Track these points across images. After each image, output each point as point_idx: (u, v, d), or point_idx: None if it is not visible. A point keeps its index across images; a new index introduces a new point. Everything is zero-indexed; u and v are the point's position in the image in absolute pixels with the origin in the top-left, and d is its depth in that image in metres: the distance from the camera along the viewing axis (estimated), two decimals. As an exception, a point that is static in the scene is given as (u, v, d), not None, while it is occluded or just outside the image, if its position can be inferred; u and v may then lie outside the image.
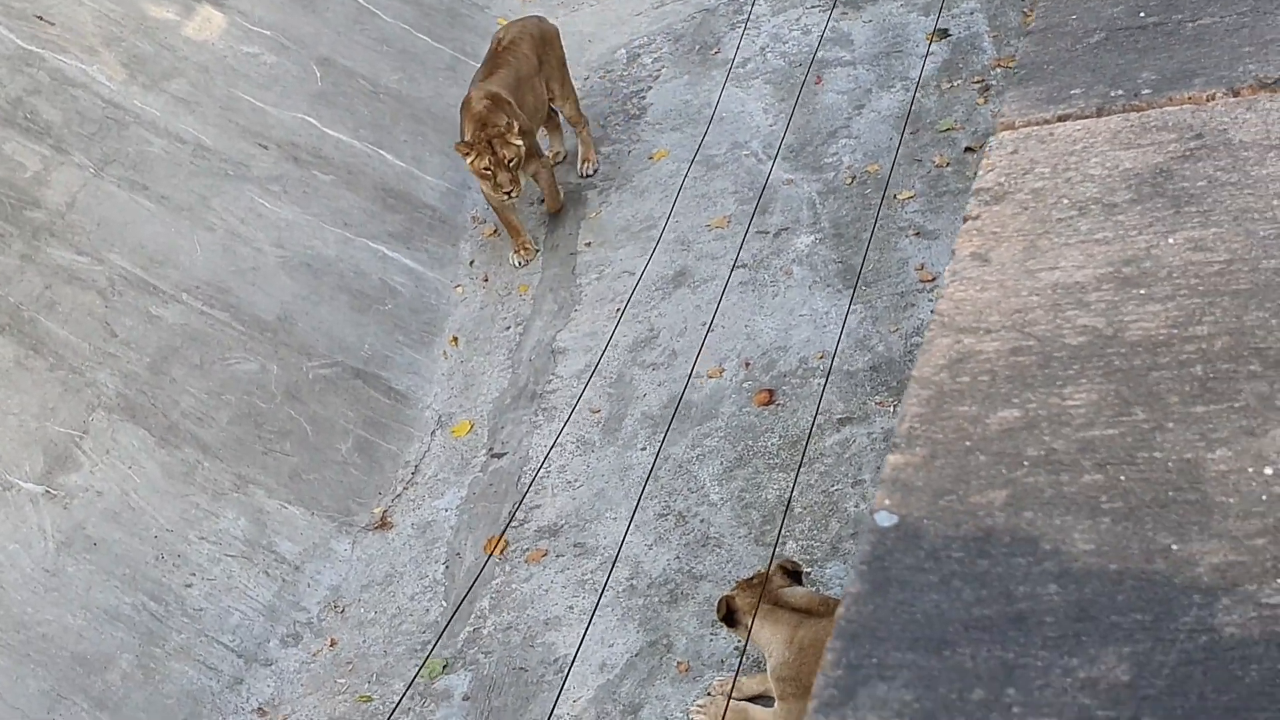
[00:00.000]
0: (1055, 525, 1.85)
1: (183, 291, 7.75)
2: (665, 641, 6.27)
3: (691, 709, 5.89)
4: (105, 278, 7.58)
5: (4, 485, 6.65)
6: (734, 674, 5.99)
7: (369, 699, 6.39)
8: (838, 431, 6.99)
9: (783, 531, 6.44)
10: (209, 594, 6.71)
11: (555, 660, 6.30)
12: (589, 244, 8.88)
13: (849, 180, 8.56)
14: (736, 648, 6.07)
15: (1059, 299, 2.21)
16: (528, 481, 7.25)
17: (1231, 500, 1.81)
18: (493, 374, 8.12)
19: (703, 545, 6.63)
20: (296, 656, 6.66)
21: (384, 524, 7.25)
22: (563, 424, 7.33)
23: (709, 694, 5.92)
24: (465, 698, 6.29)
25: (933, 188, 8.28)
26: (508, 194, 8.15)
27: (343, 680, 6.51)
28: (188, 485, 7.03)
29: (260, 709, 6.44)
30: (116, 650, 6.37)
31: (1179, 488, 1.84)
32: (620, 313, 7.15)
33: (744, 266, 8.22)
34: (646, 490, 6.91)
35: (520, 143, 8.04)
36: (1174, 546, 1.76)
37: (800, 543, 6.49)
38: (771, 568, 5.80)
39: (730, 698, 5.84)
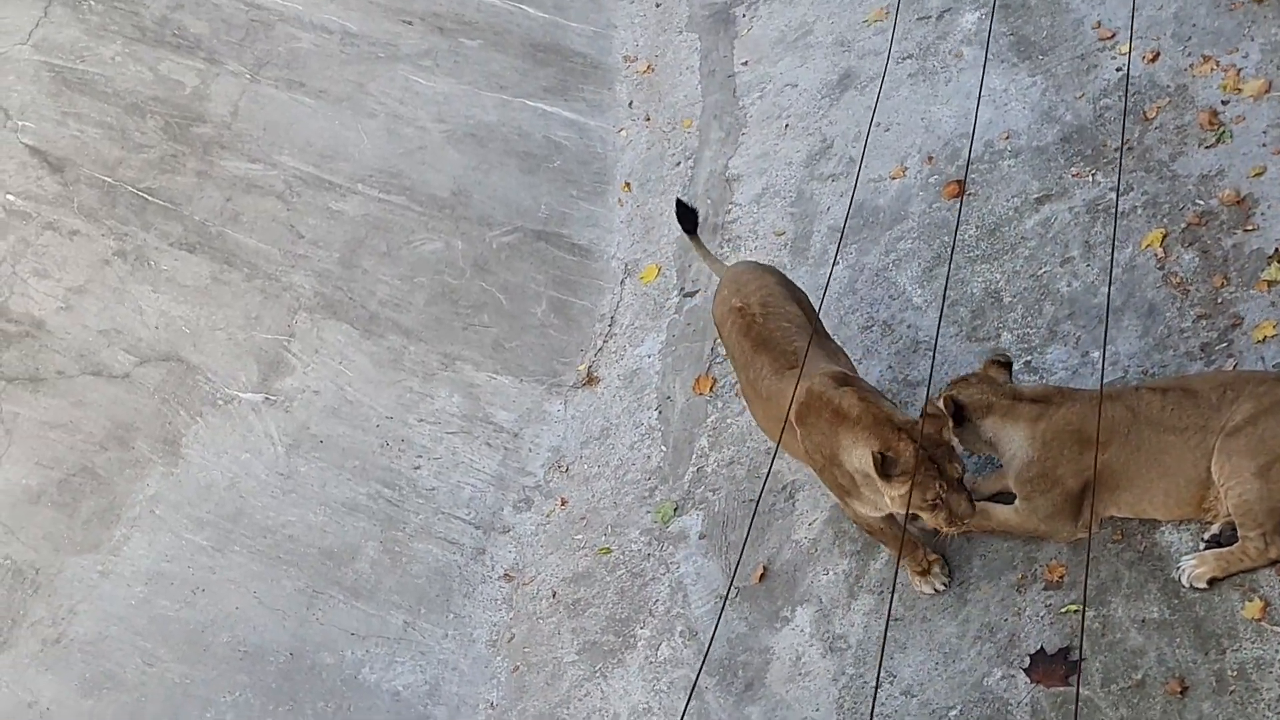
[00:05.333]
0: None
1: (357, 182, 7.80)
2: (892, 453, 6.19)
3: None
4: (281, 181, 7.66)
5: (225, 399, 6.84)
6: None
7: (608, 550, 6.49)
8: (1036, 211, 6.75)
9: (999, 325, 6.28)
10: (438, 472, 6.85)
11: (783, 488, 6.29)
12: (745, 63, 8.65)
13: (1006, -52, 8.14)
14: (962, 451, 5.97)
15: None
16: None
17: None
18: (671, 213, 8.01)
19: (913, 351, 6.50)
20: (531, 520, 6.78)
21: (591, 379, 7.29)
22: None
23: (945, 498, 5.84)
24: (701, 536, 6.34)
25: (1097, -60, 7.83)
26: (964, 521, 5.15)
27: (579, 536, 6.61)
28: (398, 371, 7.14)
29: (506, 574, 6.59)
30: (361, 540, 6.56)
31: None
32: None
33: (910, 57, 7.92)
34: (847, 305, 6.80)
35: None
36: None
37: (1015, 332, 6.32)
38: (985, 363, 5.67)
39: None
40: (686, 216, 6.44)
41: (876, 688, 4.32)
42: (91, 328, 6.95)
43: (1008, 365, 5.65)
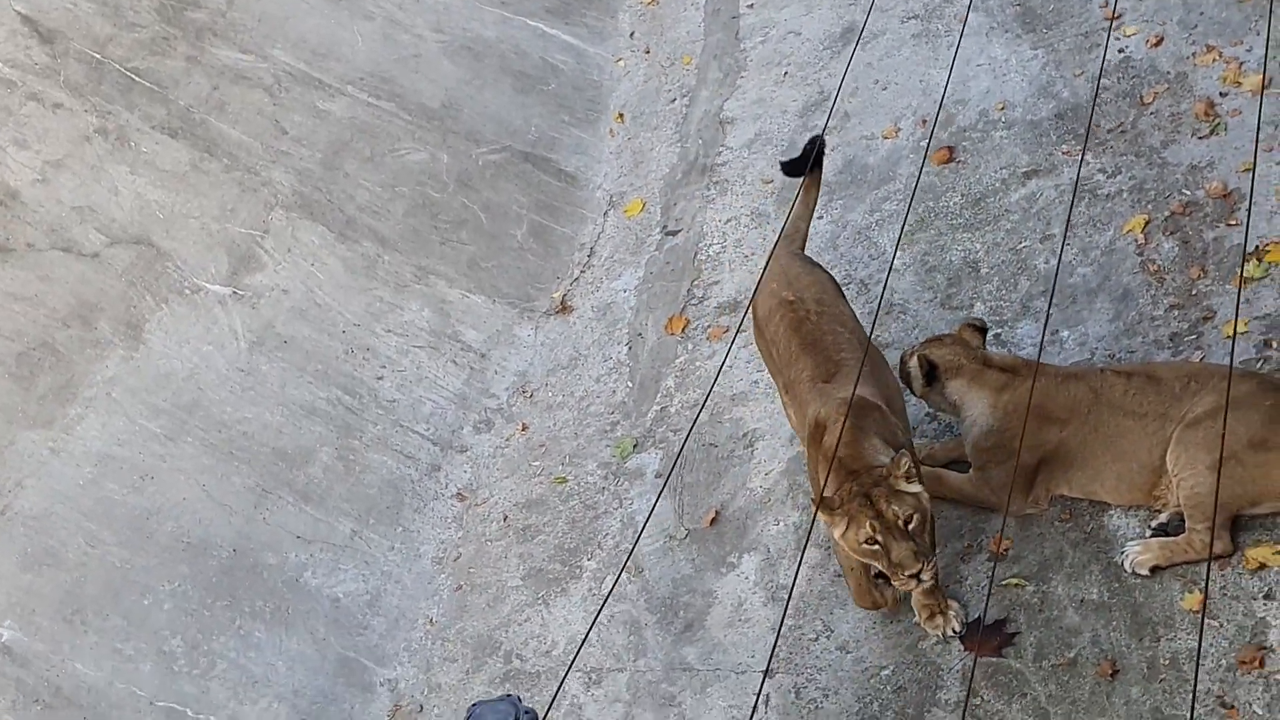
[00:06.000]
0: None
1: (347, 84, 7.71)
2: (854, 411, 6.19)
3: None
4: (271, 75, 7.57)
5: (192, 289, 6.79)
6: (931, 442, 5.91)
7: (564, 480, 6.49)
8: (1023, 185, 6.73)
9: (974, 296, 6.27)
10: (400, 385, 6.83)
11: (744, 435, 6.29)
12: (751, 5, 8.57)
13: (1024, -83, 8.07)
14: (927, 413, 5.98)
15: None
16: (704, 258, 7.16)
17: None
18: (661, 149, 7.97)
19: (887, 312, 6.49)
20: (490, 442, 6.77)
21: (564, 308, 7.26)
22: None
23: (901, 461, 5.85)
24: (657, 475, 6.34)
25: (1115, -82, 7.76)
26: (916, 576, 4.76)
27: (537, 463, 6.61)
28: (370, 279, 7.10)
29: (459, 494, 6.59)
30: (316, 444, 6.54)
31: None
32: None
33: (916, 17, 7.86)
34: (827, 261, 6.78)
35: (919, 488, 4.80)
36: None
37: (988, 303, 6.32)
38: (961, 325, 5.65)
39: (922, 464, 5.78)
40: (811, 155, 5.84)
41: (778, 634, 4.34)
42: (65, 203, 6.87)
43: (983, 330, 5.65)
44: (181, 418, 6.42)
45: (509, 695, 2.46)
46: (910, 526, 4.71)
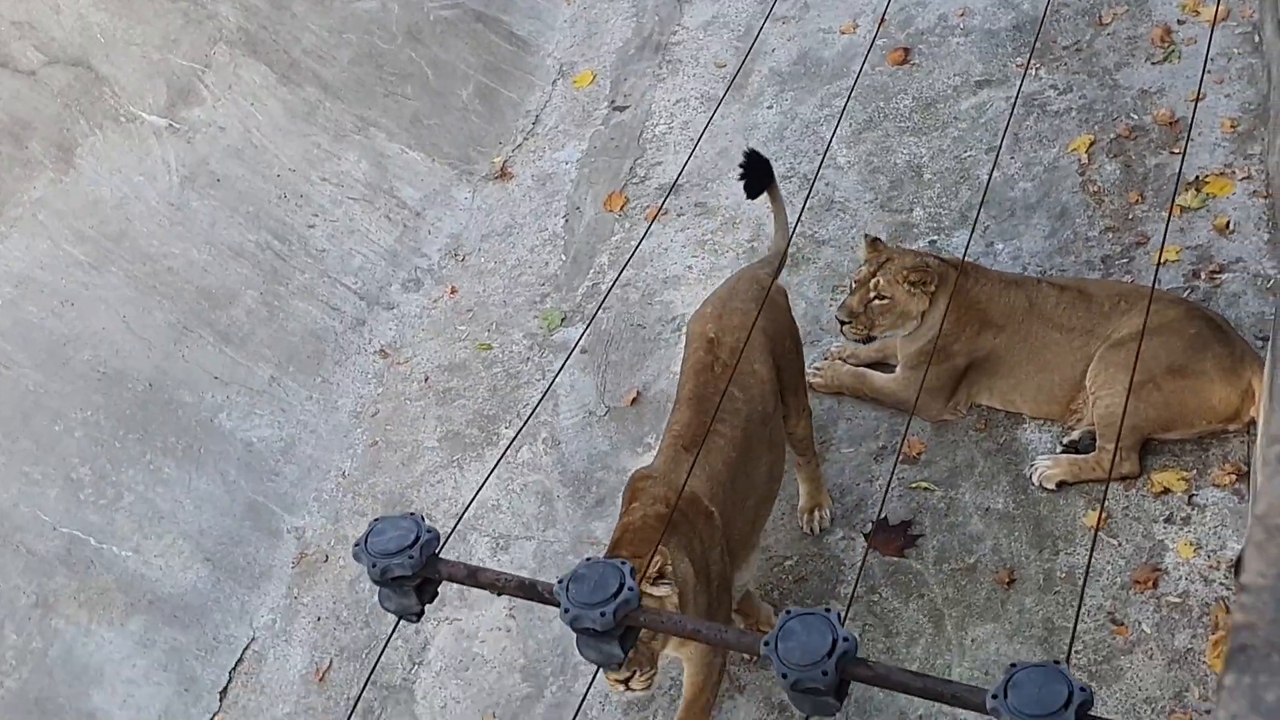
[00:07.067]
0: None
1: (302, -77, 7.52)
2: (784, 303, 6.21)
3: (809, 371, 5.85)
4: (224, -95, 7.36)
5: (128, 117, 6.64)
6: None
7: (488, 347, 6.46)
8: (974, 94, 6.72)
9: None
10: (331, 235, 6.75)
11: (673, 319, 6.29)
12: (722, -115, 8.43)
13: None
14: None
15: None
16: (649, 137, 7.10)
17: None
18: (616, 22, 7.86)
19: (826, 209, 6.49)
20: (417, 302, 6.72)
21: (504, 174, 7.18)
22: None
23: (825, 358, 5.90)
24: (583, 350, 6.33)
25: None
26: (625, 682, 4.16)
27: (463, 327, 6.58)
28: (309, 125, 6.97)
29: (382, 350, 6.55)
30: (241, 286, 6.46)
31: None
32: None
33: (885, -85, 7.77)
34: (772, 151, 6.74)
35: (667, 590, 4.21)
36: None
37: (928, 209, 6.33)
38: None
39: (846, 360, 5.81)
40: (757, 171, 5.31)
41: (670, 516, 4.38)
42: (4, 17, 6.66)
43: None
44: (107, 246, 6.31)
45: (412, 513, 2.45)
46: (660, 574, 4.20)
